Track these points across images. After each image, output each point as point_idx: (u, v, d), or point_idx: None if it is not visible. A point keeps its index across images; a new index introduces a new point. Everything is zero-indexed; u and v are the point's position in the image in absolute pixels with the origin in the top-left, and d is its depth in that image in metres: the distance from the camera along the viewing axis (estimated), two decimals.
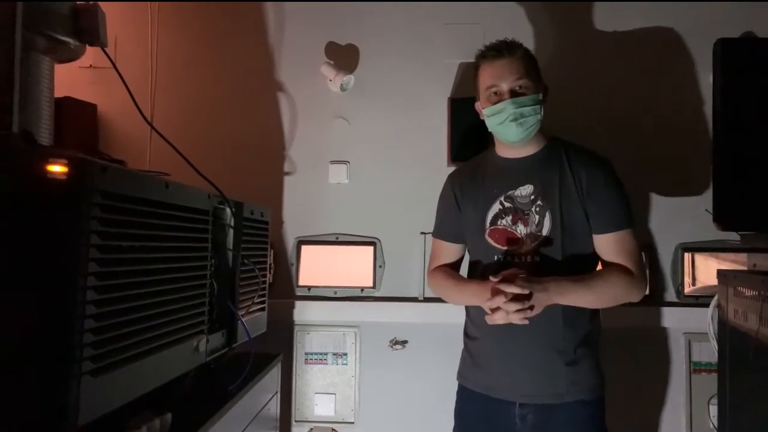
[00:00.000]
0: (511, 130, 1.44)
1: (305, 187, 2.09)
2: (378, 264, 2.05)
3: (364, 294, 2.05)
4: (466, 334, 1.63)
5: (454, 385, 1.98)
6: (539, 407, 1.43)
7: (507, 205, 1.51)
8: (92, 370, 0.78)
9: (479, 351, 1.56)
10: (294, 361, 2.03)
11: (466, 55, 2.06)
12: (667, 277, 1.99)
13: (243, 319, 1.37)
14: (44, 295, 0.74)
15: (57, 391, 0.74)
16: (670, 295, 1.98)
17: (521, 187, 1.49)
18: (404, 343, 2.01)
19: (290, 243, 2.08)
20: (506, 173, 1.53)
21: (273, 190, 2.09)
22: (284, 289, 2.06)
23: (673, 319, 1.93)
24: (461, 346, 1.99)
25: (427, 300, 2.01)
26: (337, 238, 2.07)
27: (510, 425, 1.46)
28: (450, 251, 1.66)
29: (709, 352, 1.88)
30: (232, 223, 1.42)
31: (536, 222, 1.46)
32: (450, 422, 1.98)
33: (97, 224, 0.80)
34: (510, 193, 1.50)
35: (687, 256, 1.97)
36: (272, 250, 1.79)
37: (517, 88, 1.43)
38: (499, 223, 1.51)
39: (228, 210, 1.41)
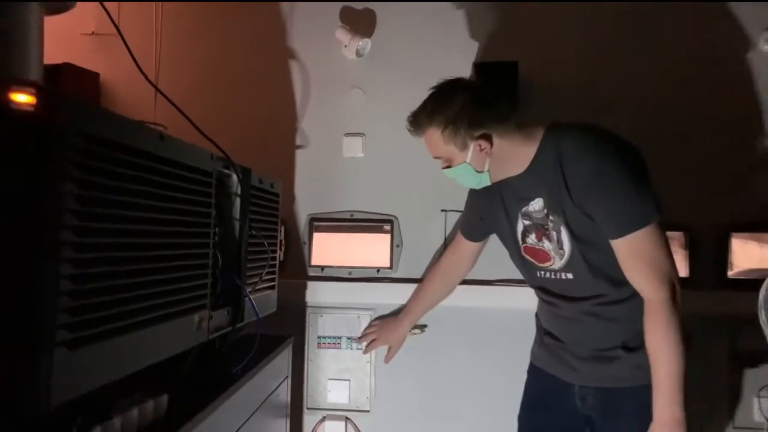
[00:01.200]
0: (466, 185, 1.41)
1: (318, 161, 1.96)
2: (395, 243, 1.92)
3: (380, 275, 1.92)
4: (536, 314, 1.58)
5: (476, 373, 1.87)
6: (599, 390, 1.36)
7: (527, 222, 1.39)
8: (69, 340, 0.67)
9: (543, 330, 1.51)
10: (306, 345, 1.92)
11: (493, 17, 1.92)
12: (707, 260, 1.84)
13: (251, 297, 1.25)
14: (11, 249, 0.63)
15: (25, 365, 0.62)
16: (711, 279, 1.83)
17: (532, 203, 1.35)
18: (423, 327, 1.89)
19: (302, 220, 1.96)
20: (515, 190, 1.39)
21: (284, 165, 1.96)
22: (296, 269, 1.95)
23: (714, 304, 1.78)
24: (483, 330, 1.88)
25: None
26: (351, 215, 1.94)
27: (571, 405, 1.40)
28: (465, 247, 1.68)
29: (753, 339, 1.73)
30: (239, 191, 1.30)
31: (555, 238, 1.33)
32: (472, 413, 1.87)
33: (75, 170, 0.68)
34: (525, 209, 1.38)
35: (731, 237, 1.81)
36: (283, 227, 1.67)
37: (441, 163, 1.36)
38: (528, 240, 1.40)
39: (234, 176, 1.29)
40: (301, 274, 1.95)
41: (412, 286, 1.87)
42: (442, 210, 1.91)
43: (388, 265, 1.92)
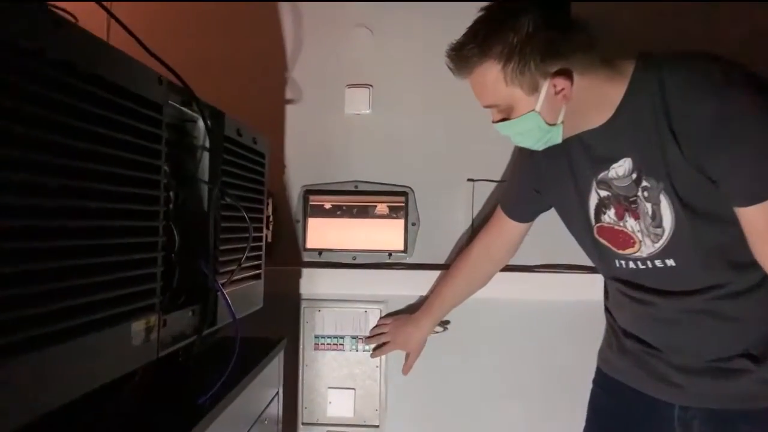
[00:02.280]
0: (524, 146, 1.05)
1: (314, 119, 1.58)
2: (410, 221, 1.56)
3: (392, 260, 1.56)
4: (606, 309, 1.21)
5: (511, 379, 1.52)
6: (713, 413, 1.00)
7: (604, 193, 1.03)
8: None
9: (626, 329, 1.12)
10: (301, 347, 1.56)
11: None
12: None
13: (224, 290, 0.87)
14: None
15: None
16: None
17: (615, 165, 0.99)
18: (445, 324, 1.53)
19: (295, 193, 1.59)
20: (590, 149, 1.02)
21: (271, 125, 1.58)
22: (287, 253, 1.58)
23: None
24: (519, 328, 1.53)
25: None
26: (356, 186, 1.57)
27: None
28: (508, 229, 1.32)
29: None
30: (207, 144, 0.92)
31: (649, 212, 0.97)
32: (504, 426, 1.53)
33: None
34: (603, 176, 1.01)
35: None
36: (270, 200, 1.30)
37: (492, 114, 0.99)
38: (603, 219, 1.04)
39: (201, 122, 0.91)
40: (293, 259, 1.58)
41: (432, 275, 1.51)
42: (469, 179, 1.54)
43: (401, 248, 1.56)
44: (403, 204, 1.56)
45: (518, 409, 1.53)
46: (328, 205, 1.60)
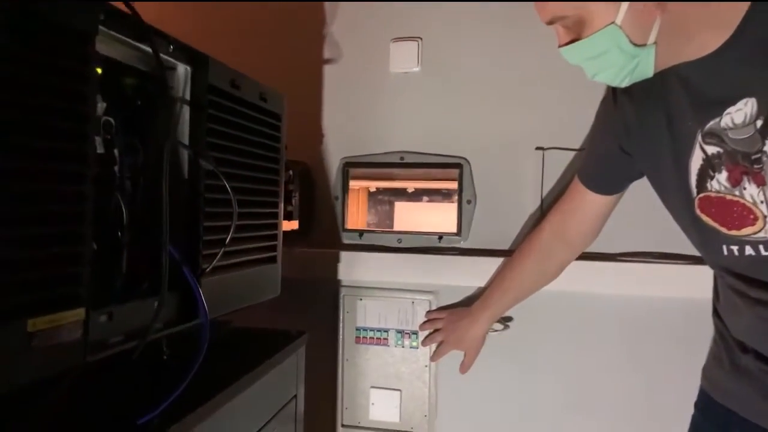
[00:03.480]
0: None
1: (355, 81, 1.38)
2: (465, 198, 1.32)
3: (443, 244, 1.33)
4: (715, 312, 0.92)
5: (583, 394, 1.25)
6: None
7: (713, 150, 0.73)
8: None
9: (742, 341, 0.83)
10: (340, 339, 1.38)
11: None
12: None
13: (195, 279, 0.70)
14: None
15: None
16: None
17: (731, 110, 0.70)
18: (506, 321, 1.29)
19: (334, 167, 1.40)
20: (695, 88, 0.74)
21: (307, 89, 1.40)
22: (325, 234, 1.40)
23: None
24: (597, 331, 1.25)
25: None
26: (402, 158, 1.35)
27: None
28: (589, 204, 1.04)
29: None
30: (188, 96, 0.75)
31: None
32: None
33: None
34: (712, 125, 0.72)
35: None
36: (290, 171, 1.11)
37: (558, 35, 0.73)
38: (709, 187, 0.75)
39: (180, 68, 0.74)
40: (331, 241, 1.40)
41: (492, 263, 1.27)
42: (538, 147, 1.27)
43: (454, 230, 1.33)
44: (456, 178, 1.32)
45: (590, 419, 1.25)
46: (370, 181, 1.40)
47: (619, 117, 0.88)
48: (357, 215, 1.42)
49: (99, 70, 0.62)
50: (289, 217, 1.14)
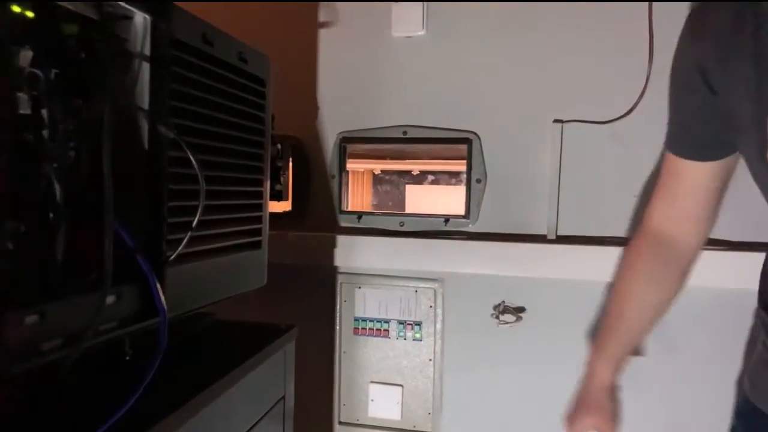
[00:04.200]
0: None
1: (353, 47, 1.25)
2: (475, 177, 1.19)
3: (450, 227, 1.21)
4: (764, 304, 0.78)
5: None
6: None
7: None
8: None
9: None
10: (337, 329, 1.27)
11: None
12: None
13: (151, 269, 0.58)
14: None
15: None
16: None
17: None
18: (519, 312, 1.18)
19: (330, 143, 1.27)
20: None
21: (299, 56, 1.27)
22: (320, 216, 1.28)
23: None
24: None
25: (563, 241, 1.14)
26: (405, 133, 1.23)
27: None
28: (691, 179, 0.80)
29: None
30: (147, 51, 0.62)
31: None
32: None
33: None
34: None
35: None
36: (279, 145, 0.98)
37: None
38: None
39: (138, 17, 0.62)
40: (327, 224, 1.28)
41: (504, 247, 1.15)
42: (557, 120, 1.14)
43: (462, 212, 1.21)
44: (465, 155, 1.20)
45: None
46: (370, 160, 1.28)
47: (702, 52, 0.72)
48: (356, 196, 1.30)
49: (29, 14, 0.50)
50: (278, 197, 1.02)
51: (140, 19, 0.63)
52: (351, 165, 1.28)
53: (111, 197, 0.50)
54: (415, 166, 1.26)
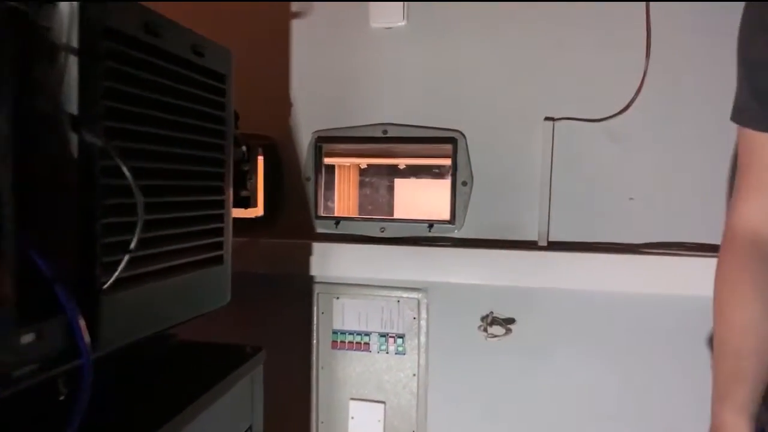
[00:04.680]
0: None
1: (329, 39, 1.16)
2: (460, 179, 1.11)
3: (434, 233, 1.13)
4: None
5: (596, 401, 1.06)
6: None
7: None
8: None
9: None
10: (314, 344, 1.19)
11: None
12: None
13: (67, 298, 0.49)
14: None
15: None
16: None
17: None
18: (508, 324, 1.10)
19: (304, 142, 1.18)
20: None
21: (270, 49, 1.18)
22: (295, 221, 1.19)
23: None
24: (614, 334, 1.06)
25: (555, 247, 1.07)
26: (385, 132, 1.14)
27: None
28: None
29: None
30: (75, 42, 0.53)
31: None
32: None
33: None
34: None
35: None
36: (245, 147, 0.89)
37: None
38: None
39: (64, 4, 0.52)
40: (303, 230, 1.19)
41: (492, 254, 1.07)
42: (547, 118, 1.06)
43: (447, 217, 1.12)
44: (450, 156, 1.11)
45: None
46: (348, 158, 1.19)
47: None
48: (334, 199, 1.21)
49: None
50: (244, 203, 0.93)
51: (66, 5, 0.53)
52: (330, 161, 1.19)
53: (11, 215, 0.41)
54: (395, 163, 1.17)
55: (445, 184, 1.12)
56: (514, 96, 1.09)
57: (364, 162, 1.20)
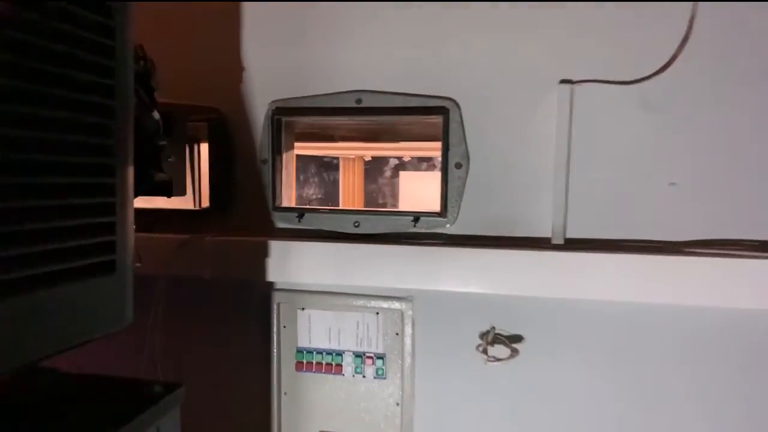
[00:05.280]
0: None
1: None
2: (453, 161, 0.88)
3: (420, 228, 0.90)
4: None
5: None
6: None
7: None
8: None
9: None
10: (274, 365, 0.96)
11: None
12: None
13: None
14: None
15: None
16: None
17: None
18: (514, 342, 0.87)
19: (259, 115, 0.95)
20: None
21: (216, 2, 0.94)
22: (249, 214, 0.96)
23: None
24: (661, 360, 0.83)
25: (573, 246, 0.84)
26: (359, 101, 0.90)
27: None
28: None
29: None
30: None
31: None
32: None
33: None
34: None
35: None
36: (158, 114, 0.65)
37: None
38: None
39: None
40: (258, 225, 0.96)
41: (492, 255, 0.84)
42: (564, 81, 0.83)
43: (436, 208, 0.89)
44: (440, 130, 0.88)
45: None
46: (313, 138, 0.96)
47: None
48: (294, 186, 0.98)
49: None
50: (165, 190, 0.70)
51: None
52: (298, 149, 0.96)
53: None
54: (368, 148, 0.94)
55: (433, 166, 0.89)
56: (521, 52, 0.85)
57: (333, 143, 0.97)
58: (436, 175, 0.93)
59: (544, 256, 0.83)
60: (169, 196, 0.71)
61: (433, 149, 0.91)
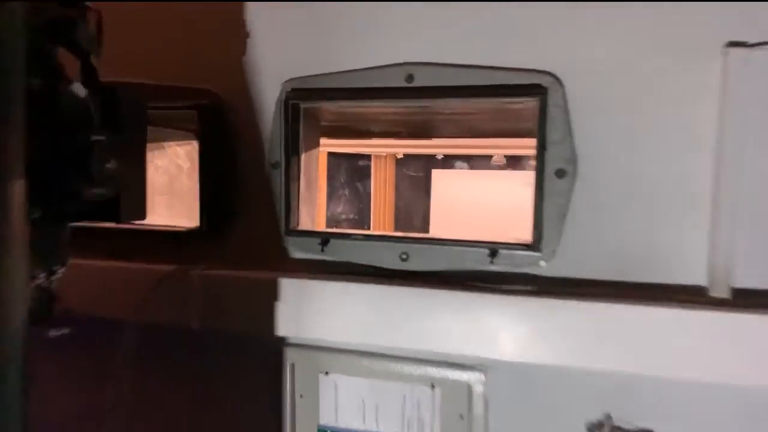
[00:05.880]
0: None
1: None
2: (553, 167, 0.58)
3: (499, 266, 0.61)
4: None
5: None
6: None
7: None
8: None
9: None
10: None
11: None
12: None
13: None
14: None
15: None
16: None
17: None
18: None
19: (269, 99, 0.68)
20: None
21: None
22: (254, 239, 0.70)
23: None
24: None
25: (743, 301, 0.53)
26: (409, 78, 0.62)
27: None
28: None
29: None
30: None
31: None
32: None
33: None
34: None
35: None
36: (87, 91, 0.40)
37: None
38: None
39: None
40: (266, 253, 0.69)
41: (612, 312, 0.54)
42: (731, 43, 0.53)
43: (526, 238, 0.60)
44: (529, 121, 0.59)
45: None
46: (345, 134, 0.68)
47: None
48: (317, 201, 0.71)
49: None
50: (110, 214, 0.43)
51: None
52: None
53: None
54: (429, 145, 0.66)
55: (524, 176, 0.60)
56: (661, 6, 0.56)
57: (372, 139, 0.69)
58: (521, 184, 0.64)
59: (695, 317, 0.54)
60: (116, 221, 0.45)
61: (516, 147, 0.62)
